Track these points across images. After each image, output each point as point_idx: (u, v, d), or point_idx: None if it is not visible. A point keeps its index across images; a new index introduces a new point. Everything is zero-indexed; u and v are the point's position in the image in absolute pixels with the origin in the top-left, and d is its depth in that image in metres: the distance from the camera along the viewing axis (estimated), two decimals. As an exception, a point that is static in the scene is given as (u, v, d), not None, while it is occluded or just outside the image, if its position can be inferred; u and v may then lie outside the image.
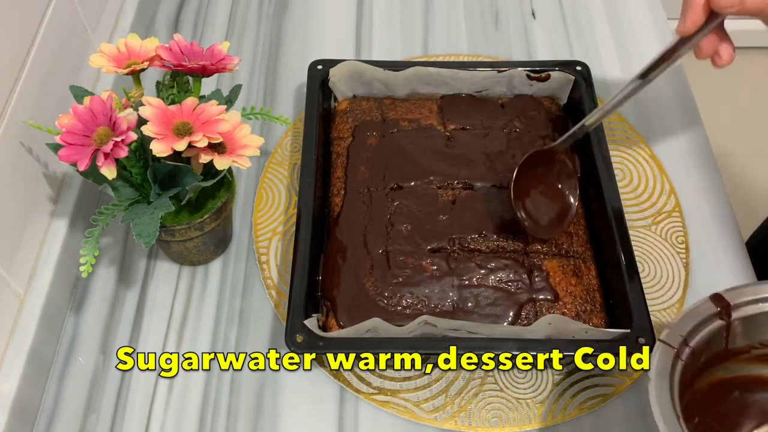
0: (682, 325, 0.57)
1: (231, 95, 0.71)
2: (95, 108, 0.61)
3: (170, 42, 0.67)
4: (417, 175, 0.75)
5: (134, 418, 0.66)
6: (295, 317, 0.64)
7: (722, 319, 0.58)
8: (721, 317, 0.58)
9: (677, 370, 0.55)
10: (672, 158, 0.83)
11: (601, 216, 0.72)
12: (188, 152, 0.62)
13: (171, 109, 0.62)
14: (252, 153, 0.63)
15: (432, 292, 0.68)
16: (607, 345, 0.63)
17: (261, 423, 0.66)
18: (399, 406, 0.66)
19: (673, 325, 0.57)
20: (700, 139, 0.85)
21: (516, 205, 0.70)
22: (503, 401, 0.67)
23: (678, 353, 0.55)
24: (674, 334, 0.56)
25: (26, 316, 0.66)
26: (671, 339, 0.56)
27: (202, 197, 0.69)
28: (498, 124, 0.80)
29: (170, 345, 0.70)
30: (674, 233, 0.77)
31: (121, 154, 0.59)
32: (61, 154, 0.59)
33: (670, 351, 0.55)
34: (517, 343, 0.63)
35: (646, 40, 0.95)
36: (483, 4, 0.99)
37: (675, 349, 0.55)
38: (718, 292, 0.58)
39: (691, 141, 0.85)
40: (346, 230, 0.72)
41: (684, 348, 0.56)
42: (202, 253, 0.73)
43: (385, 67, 0.81)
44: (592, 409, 0.66)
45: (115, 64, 0.65)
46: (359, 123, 0.80)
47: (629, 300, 0.65)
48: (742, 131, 1.84)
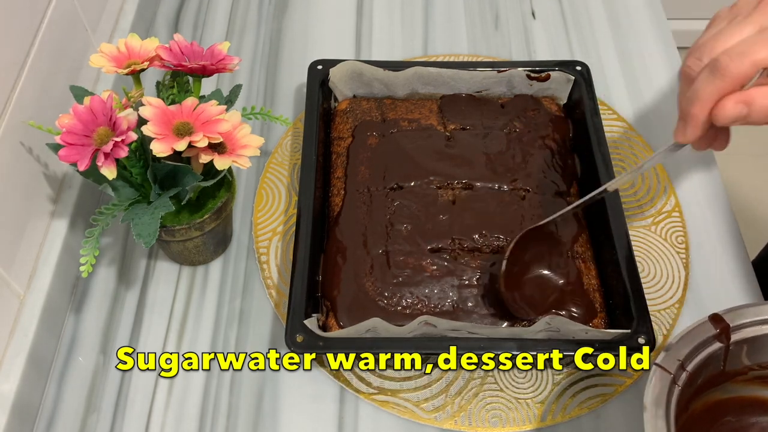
0: (680, 347, 0.55)
1: (231, 95, 0.71)
2: (95, 108, 0.61)
3: (170, 42, 0.67)
4: (417, 175, 0.75)
5: (134, 418, 0.66)
6: (295, 317, 0.64)
7: (721, 342, 0.56)
8: (720, 339, 0.56)
9: (674, 396, 0.53)
10: (672, 158, 0.83)
11: (600, 216, 0.72)
12: (188, 152, 0.62)
13: (171, 109, 0.62)
14: (252, 153, 0.63)
15: (432, 292, 0.68)
16: (607, 345, 0.63)
17: (261, 423, 0.66)
18: (399, 406, 0.66)
19: (671, 347, 0.55)
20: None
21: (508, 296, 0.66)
22: (503, 401, 0.67)
23: (674, 379, 0.54)
24: (671, 358, 0.54)
25: (26, 316, 0.66)
26: (668, 363, 0.54)
27: (202, 197, 0.69)
28: (498, 124, 0.80)
29: (170, 345, 0.70)
30: (674, 233, 0.77)
31: (121, 154, 0.59)
32: (61, 154, 0.59)
33: (667, 377, 0.54)
34: (517, 343, 0.63)
35: (646, 40, 0.95)
36: (483, 4, 0.99)
37: (672, 375, 0.54)
38: (718, 312, 0.57)
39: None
40: (346, 230, 0.72)
41: (681, 373, 0.54)
42: (201, 253, 0.73)
43: (385, 67, 0.81)
44: (592, 409, 0.66)
45: (115, 64, 0.65)
46: (359, 123, 0.80)
47: (629, 300, 0.65)
48: (742, 131, 1.84)
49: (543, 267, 0.69)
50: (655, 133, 0.86)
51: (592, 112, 0.78)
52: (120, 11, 0.90)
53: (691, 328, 0.56)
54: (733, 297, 0.73)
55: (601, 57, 0.93)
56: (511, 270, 0.66)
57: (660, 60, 0.93)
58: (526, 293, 0.68)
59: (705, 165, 0.83)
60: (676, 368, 0.54)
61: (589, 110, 0.78)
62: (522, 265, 0.68)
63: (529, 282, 0.68)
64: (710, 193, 0.81)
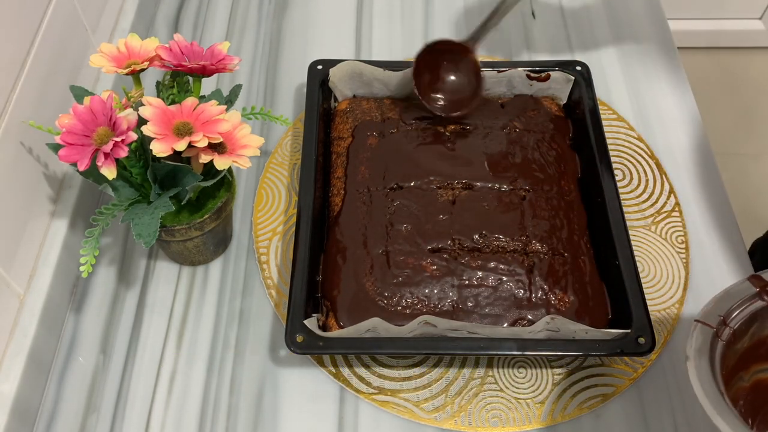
0: (720, 305, 0.53)
1: (231, 95, 0.71)
2: (95, 108, 0.61)
3: (170, 42, 0.67)
4: (417, 175, 0.75)
5: (134, 418, 0.66)
6: (295, 317, 0.64)
7: (763, 300, 0.54)
8: (762, 298, 0.54)
9: (717, 350, 0.52)
10: (672, 158, 0.83)
11: (600, 216, 0.72)
12: (188, 152, 0.62)
13: (171, 109, 0.62)
14: (252, 153, 0.63)
15: (432, 292, 0.68)
16: (608, 345, 0.63)
17: (261, 423, 0.66)
18: (399, 406, 0.66)
19: (710, 305, 0.53)
20: (700, 138, 0.85)
21: (420, 89, 0.78)
22: (503, 401, 0.67)
23: (717, 333, 0.52)
24: (712, 315, 0.53)
25: (26, 316, 0.66)
26: (709, 319, 0.52)
27: (202, 197, 0.69)
28: (498, 124, 0.80)
29: (170, 345, 0.70)
30: (674, 233, 0.77)
31: (121, 154, 0.59)
32: (61, 154, 0.59)
33: (709, 331, 0.52)
34: (517, 343, 0.63)
35: (646, 40, 0.95)
36: (483, 4, 0.99)
37: (714, 329, 0.52)
38: (757, 273, 0.55)
39: (690, 140, 0.85)
40: (346, 230, 0.72)
41: (723, 328, 0.52)
42: (202, 253, 0.73)
43: (385, 67, 0.81)
44: (592, 408, 0.66)
45: (115, 64, 0.65)
46: (359, 123, 0.80)
47: (629, 300, 0.65)
48: (742, 131, 1.84)
49: (452, 72, 0.81)
50: (655, 133, 0.86)
51: (591, 112, 0.78)
52: (120, 11, 0.90)
53: (729, 288, 0.55)
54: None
55: (601, 57, 0.93)
56: (422, 68, 0.79)
57: (660, 60, 0.93)
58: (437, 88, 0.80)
59: (705, 165, 0.83)
60: (718, 323, 0.53)
61: (588, 110, 0.78)
62: (434, 66, 0.80)
63: (440, 80, 0.81)
64: (710, 193, 0.81)
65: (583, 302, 0.68)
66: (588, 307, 0.68)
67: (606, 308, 0.69)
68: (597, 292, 0.69)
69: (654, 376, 0.68)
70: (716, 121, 1.87)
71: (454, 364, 0.69)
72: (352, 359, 0.68)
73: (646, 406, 0.67)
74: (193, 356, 0.69)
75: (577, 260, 0.71)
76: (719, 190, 0.81)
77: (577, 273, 0.70)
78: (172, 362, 0.69)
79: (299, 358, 0.69)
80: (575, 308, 0.68)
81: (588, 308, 0.68)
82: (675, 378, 0.68)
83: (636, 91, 0.90)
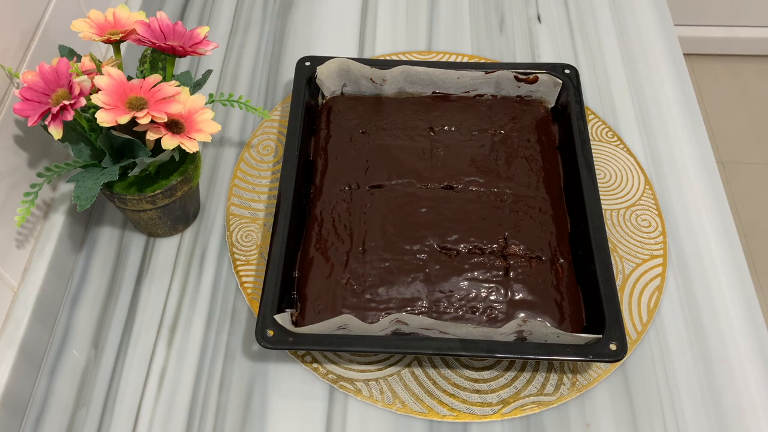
0: None
1: (201, 79, 0.71)
2: (60, 70, 0.62)
3: (150, 18, 0.67)
4: (399, 174, 0.75)
5: (123, 414, 0.66)
6: (266, 312, 0.64)
7: None
8: None
9: None
10: (672, 161, 0.83)
11: (579, 221, 0.71)
12: (140, 127, 0.63)
13: (132, 83, 0.62)
14: (203, 138, 0.63)
15: (407, 290, 0.68)
16: (579, 350, 0.63)
17: (249, 420, 0.66)
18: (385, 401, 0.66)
19: None
20: (702, 143, 0.84)
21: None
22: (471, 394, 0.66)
23: None
24: None
25: (19, 309, 0.66)
26: None
27: (162, 173, 0.69)
28: (484, 126, 0.80)
29: (162, 341, 0.70)
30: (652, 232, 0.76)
31: (68, 117, 0.59)
32: (16, 107, 0.60)
33: None
34: (488, 345, 0.63)
35: (652, 46, 0.94)
36: (488, 7, 0.99)
37: None
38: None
39: (691, 146, 0.84)
40: (325, 226, 0.72)
41: None
42: (158, 226, 0.74)
43: (373, 65, 0.81)
44: (580, 392, 0.66)
45: (97, 31, 0.65)
46: (344, 120, 0.80)
47: (603, 306, 0.65)
48: (755, 140, 1.82)
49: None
50: (657, 138, 0.85)
51: (577, 116, 0.77)
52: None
53: None
54: (728, 302, 0.72)
55: (607, 63, 0.92)
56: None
57: (666, 66, 0.92)
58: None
59: (705, 166, 0.82)
60: None
61: (575, 114, 0.77)
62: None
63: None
64: (711, 195, 0.80)
65: (558, 306, 0.68)
66: (562, 311, 0.67)
67: (581, 313, 0.68)
68: (573, 297, 0.69)
69: (640, 355, 0.68)
70: (727, 129, 1.86)
71: (424, 364, 0.68)
72: (341, 356, 0.68)
73: (632, 385, 0.67)
74: (183, 353, 0.69)
75: (554, 264, 0.70)
76: (720, 194, 0.80)
77: (554, 277, 0.69)
78: (163, 359, 0.69)
79: (289, 356, 0.69)
80: (549, 312, 0.67)
81: (562, 312, 0.67)
82: (661, 356, 0.68)
83: (641, 96, 0.89)
